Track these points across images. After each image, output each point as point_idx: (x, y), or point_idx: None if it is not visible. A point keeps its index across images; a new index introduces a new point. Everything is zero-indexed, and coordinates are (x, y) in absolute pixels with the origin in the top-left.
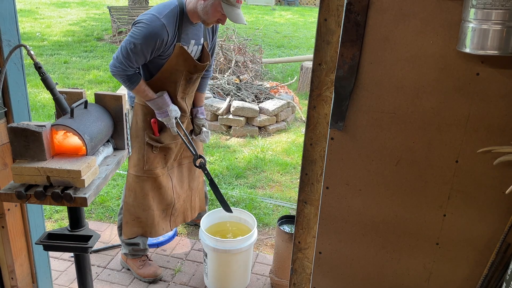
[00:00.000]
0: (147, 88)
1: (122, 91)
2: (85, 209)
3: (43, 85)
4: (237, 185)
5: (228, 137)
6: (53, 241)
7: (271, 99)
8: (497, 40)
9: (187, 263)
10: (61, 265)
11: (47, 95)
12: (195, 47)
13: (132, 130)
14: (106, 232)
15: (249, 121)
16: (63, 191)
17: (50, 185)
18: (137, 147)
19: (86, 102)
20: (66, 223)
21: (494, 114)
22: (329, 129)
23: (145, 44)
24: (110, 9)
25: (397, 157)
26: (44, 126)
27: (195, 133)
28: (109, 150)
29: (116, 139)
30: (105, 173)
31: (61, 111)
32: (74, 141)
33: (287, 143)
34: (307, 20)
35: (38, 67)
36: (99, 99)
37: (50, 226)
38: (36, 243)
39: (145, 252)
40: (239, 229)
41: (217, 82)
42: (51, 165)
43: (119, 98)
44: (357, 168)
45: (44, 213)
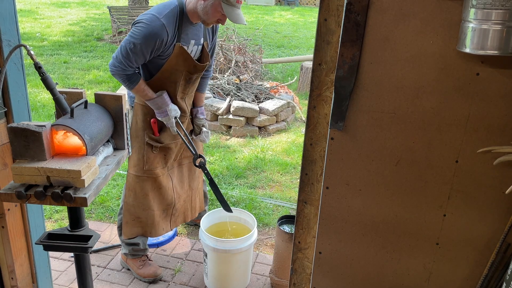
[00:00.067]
0: (146, 87)
1: (122, 91)
2: (85, 209)
3: (43, 85)
4: (237, 185)
5: (228, 137)
6: (53, 241)
7: (271, 99)
8: (497, 40)
9: (187, 263)
10: (61, 265)
11: (47, 95)
12: (195, 47)
13: (132, 130)
14: (106, 232)
15: (249, 121)
16: (63, 191)
17: (50, 185)
18: (137, 147)
19: (86, 102)
20: (66, 223)
21: (494, 114)
22: (329, 129)
23: (144, 44)
24: (110, 9)
25: (397, 157)
26: (44, 126)
27: (195, 133)
28: (109, 150)
29: (116, 139)
30: (105, 173)
31: (61, 111)
32: (74, 141)
33: (287, 143)
34: (307, 20)
35: (38, 67)
36: (99, 99)
37: (50, 226)
38: (36, 243)
39: (145, 252)
40: (239, 229)
41: (217, 82)
42: (51, 165)
43: (119, 98)
44: (357, 168)
45: (44, 213)
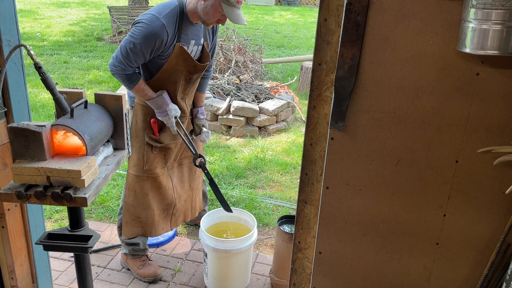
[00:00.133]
0: (146, 87)
1: (122, 91)
2: (85, 209)
3: (43, 85)
4: (237, 185)
5: (228, 137)
6: (53, 241)
7: (271, 99)
8: (497, 40)
9: (187, 263)
10: (61, 265)
11: (47, 95)
12: (195, 47)
13: (132, 130)
14: (106, 232)
15: (249, 121)
16: (63, 191)
17: (50, 185)
18: (137, 147)
19: (86, 102)
20: (66, 223)
21: (494, 114)
22: (329, 129)
23: (144, 44)
24: (110, 9)
25: (397, 157)
26: (44, 126)
27: (195, 133)
28: (109, 150)
29: (116, 139)
30: (105, 173)
31: (61, 111)
32: (74, 141)
33: (287, 143)
34: (307, 20)
35: (38, 67)
36: (99, 99)
37: (50, 226)
38: (36, 243)
39: (145, 252)
40: (239, 229)
41: (217, 82)
42: (51, 165)
43: (119, 98)
44: (357, 168)
45: (44, 213)
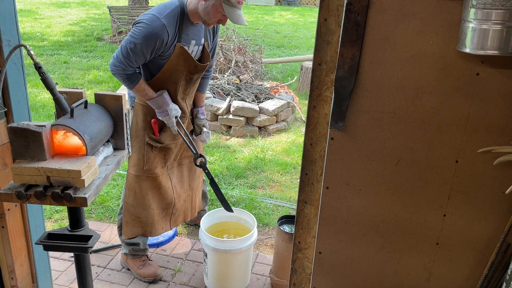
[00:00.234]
0: (147, 87)
1: (122, 91)
2: (85, 209)
3: (43, 85)
4: (237, 185)
5: (228, 137)
6: (53, 241)
7: (271, 99)
8: (497, 40)
9: (187, 263)
10: (61, 265)
11: (47, 95)
12: (195, 48)
13: (132, 130)
14: (106, 232)
15: (249, 121)
16: (63, 191)
17: (50, 185)
18: (137, 147)
19: (86, 102)
20: (66, 223)
21: (494, 114)
22: (329, 129)
23: (145, 44)
24: (110, 9)
25: (397, 157)
26: (44, 126)
27: (196, 133)
28: (109, 150)
29: (116, 139)
30: (105, 173)
31: (61, 111)
32: (74, 141)
33: (287, 143)
34: (307, 20)
35: (38, 67)
36: (99, 99)
37: (50, 226)
38: (36, 243)
39: (145, 252)
40: (239, 229)
41: (217, 82)
42: (51, 165)
43: (119, 98)
44: (357, 168)
45: (44, 213)
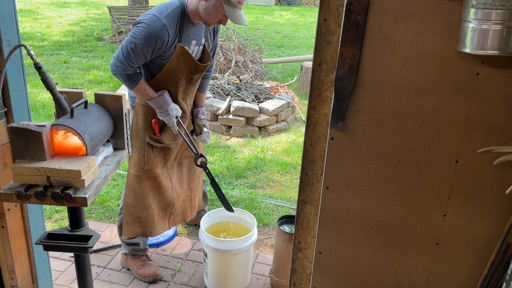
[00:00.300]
0: (147, 87)
1: (122, 91)
2: (85, 209)
3: (43, 85)
4: (237, 185)
5: (228, 137)
6: (53, 241)
7: (271, 99)
8: (497, 40)
9: (187, 263)
10: (61, 265)
11: (47, 95)
12: (196, 48)
13: (132, 130)
14: (106, 232)
15: (249, 121)
16: (63, 191)
17: (50, 185)
18: (137, 147)
19: (86, 102)
20: (66, 223)
21: (494, 114)
22: (329, 129)
23: (145, 44)
24: (110, 9)
25: (397, 157)
26: (44, 126)
27: (196, 133)
28: (109, 150)
29: (116, 139)
30: (105, 173)
31: (61, 111)
32: (74, 141)
33: (287, 143)
34: (307, 20)
35: (38, 67)
36: (99, 99)
37: (50, 226)
38: (36, 243)
39: (145, 252)
40: (239, 229)
41: (217, 82)
42: (51, 165)
43: (119, 98)
44: (357, 168)
45: (44, 213)
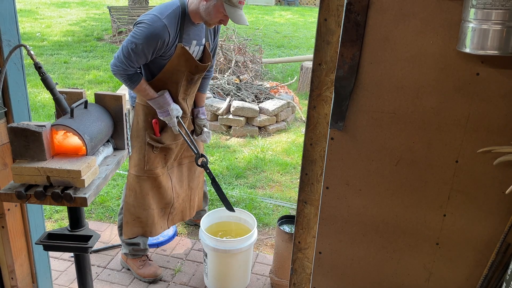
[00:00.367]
0: (148, 87)
1: (122, 91)
2: (85, 209)
3: (43, 85)
4: (237, 185)
5: (228, 137)
6: (53, 241)
7: (271, 99)
8: (497, 40)
9: (187, 263)
10: (61, 265)
11: (47, 95)
12: (196, 48)
13: (133, 130)
14: (106, 232)
15: (249, 121)
16: (63, 191)
17: (50, 185)
18: (138, 147)
19: (86, 102)
20: (66, 223)
21: (494, 114)
22: (329, 129)
23: (146, 44)
24: (110, 9)
25: (397, 157)
26: (44, 126)
27: (196, 133)
28: (109, 150)
29: (116, 139)
30: (105, 173)
31: (61, 111)
32: (74, 141)
33: (287, 143)
34: (307, 20)
35: (38, 67)
36: (99, 99)
37: (50, 226)
38: (36, 243)
39: (145, 252)
40: (239, 229)
41: (217, 82)
42: (51, 165)
43: (119, 98)
44: (357, 168)
45: (44, 213)
